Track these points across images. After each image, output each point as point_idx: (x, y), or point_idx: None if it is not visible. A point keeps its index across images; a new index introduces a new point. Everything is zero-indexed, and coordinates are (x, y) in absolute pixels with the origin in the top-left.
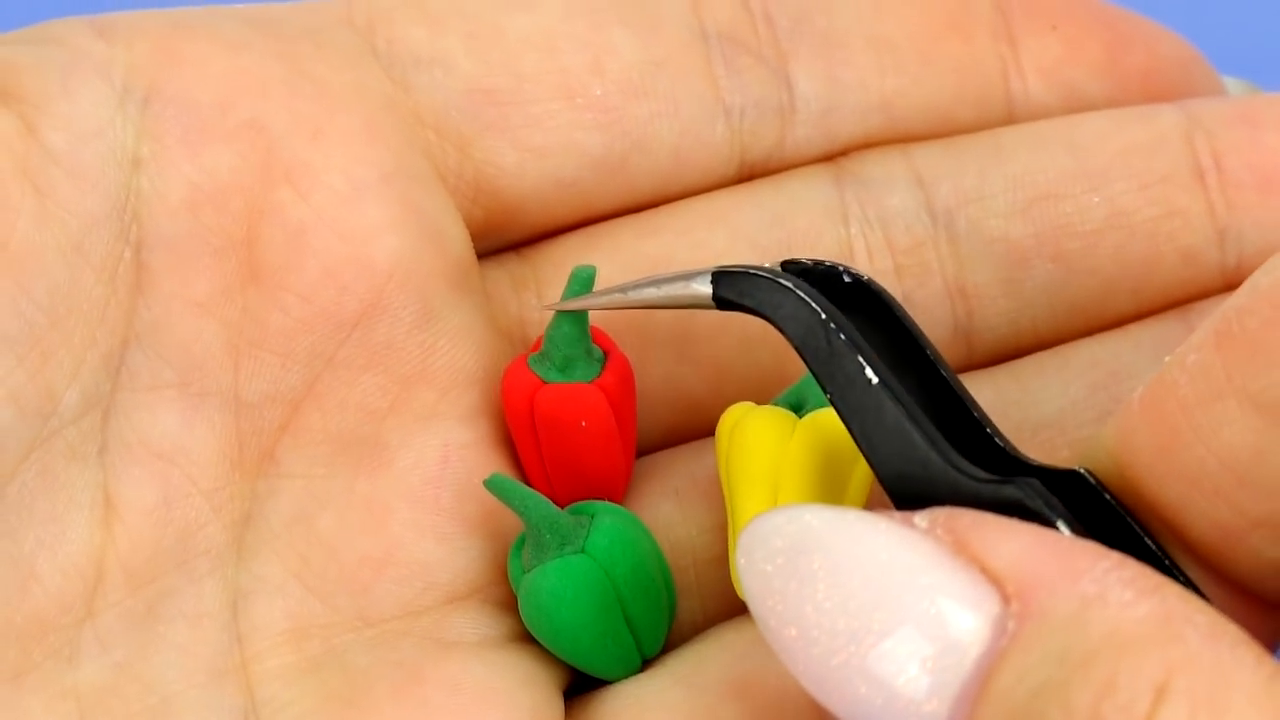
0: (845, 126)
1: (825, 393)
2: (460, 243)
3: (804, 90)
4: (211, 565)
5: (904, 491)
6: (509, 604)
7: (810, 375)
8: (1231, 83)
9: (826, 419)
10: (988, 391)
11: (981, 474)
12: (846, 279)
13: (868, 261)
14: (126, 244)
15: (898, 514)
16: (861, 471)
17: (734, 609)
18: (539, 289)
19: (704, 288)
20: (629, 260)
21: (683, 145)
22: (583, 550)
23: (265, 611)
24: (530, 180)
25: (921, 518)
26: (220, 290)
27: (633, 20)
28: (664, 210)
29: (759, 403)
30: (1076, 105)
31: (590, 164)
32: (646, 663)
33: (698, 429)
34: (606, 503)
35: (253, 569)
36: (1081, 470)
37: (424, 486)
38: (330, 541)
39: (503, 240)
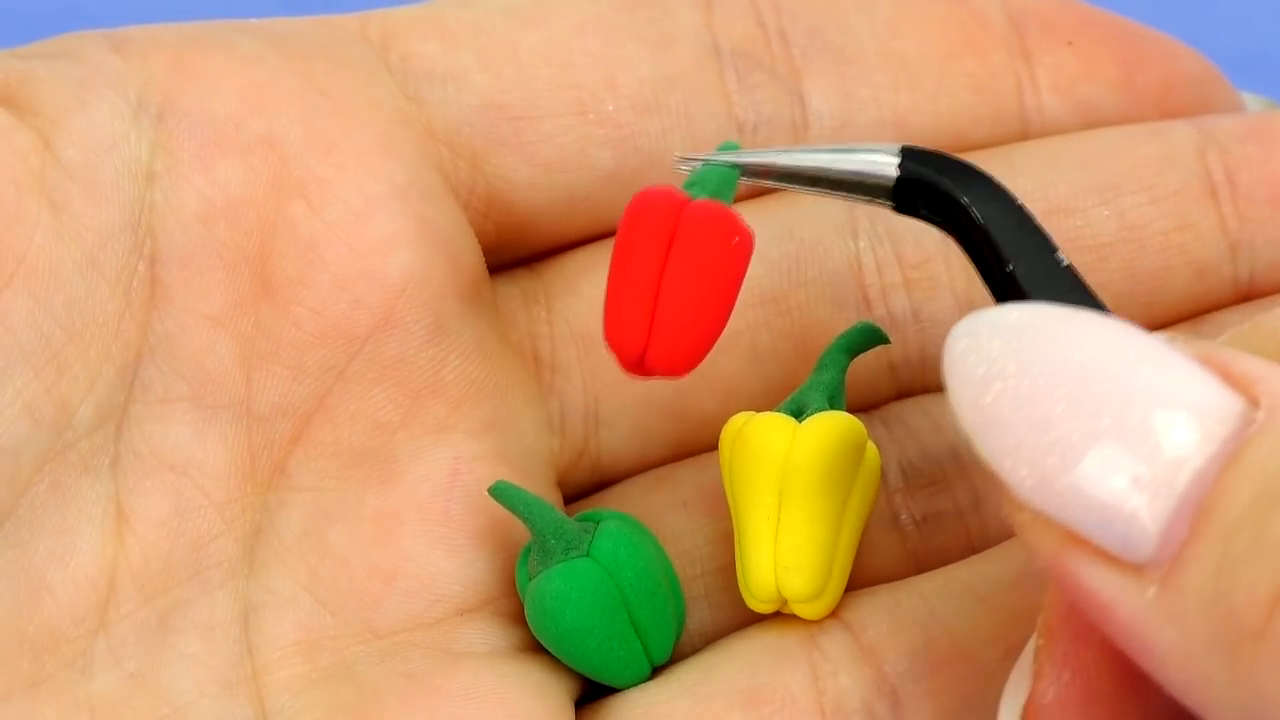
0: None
1: (1008, 270)
2: (472, 257)
3: (817, 106)
4: (223, 577)
5: None
6: (519, 616)
7: (813, 380)
8: (1250, 99)
9: (827, 422)
10: None
11: None
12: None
13: (877, 275)
14: (141, 258)
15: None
16: (866, 470)
17: (743, 619)
18: (549, 304)
19: (890, 159)
20: None
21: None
22: (587, 554)
23: (276, 623)
24: (542, 195)
25: (1164, 334)
26: (233, 304)
27: (646, 36)
28: None
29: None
30: (1092, 121)
31: (602, 179)
32: (656, 670)
33: (706, 443)
34: (612, 510)
35: (264, 581)
36: None
37: (434, 499)
38: (341, 554)
39: (514, 255)
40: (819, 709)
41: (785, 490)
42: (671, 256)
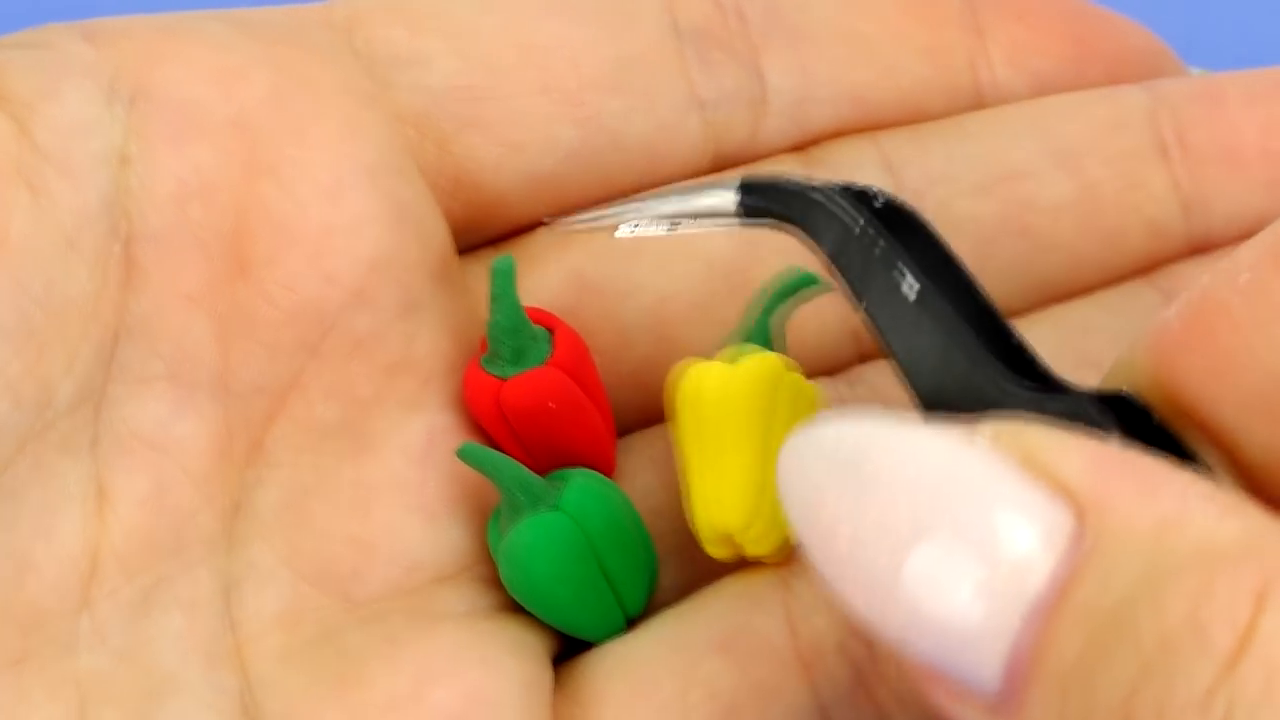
0: (817, 117)
1: (859, 307)
2: (441, 236)
3: (776, 83)
4: (204, 553)
5: (951, 408)
6: (496, 580)
7: (738, 326)
8: (1197, 75)
9: (733, 355)
10: None
11: (1030, 385)
12: (878, 203)
13: None
14: (117, 239)
15: (961, 425)
16: (794, 401)
17: (716, 571)
18: (517, 281)
19: (729, 195)
20: (605, 251)
21: (657, 138)
22: (556, 507)
23: (257, 597)
24: (508, 175)
25: (985, 429)
26: (208, 283)
27: (607, 17)
28: None
29: None
30: (1044, 93)
31: (567, 158)
32: (631, 622)
33: None
34: (579, 468)
35: (244, 556)
36: (1124, 393)
37: (409, 470)
38: (319, 527)
39: (482, 235)
40: (795, 651)
41: (702, 428)
42: (517, 432)
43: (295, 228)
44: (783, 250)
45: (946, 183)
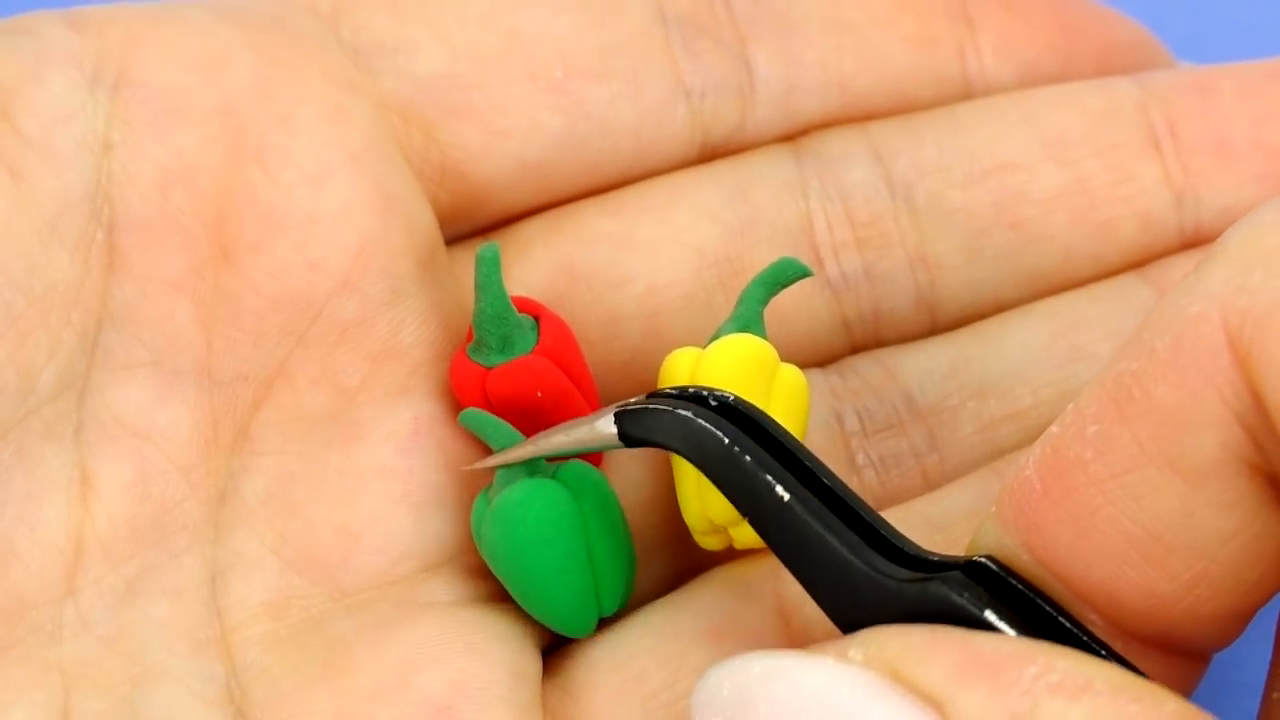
0: (805, 106)
1: (744, 516)
2: (427, 224)
3: (763, 71)
4: (189, 541)
5: (835, 604)
6: (483, 570)
7: (731, 314)
8: (1186, 67)
9: (727, 343)
10: (950, 351)
11: (904, 574)
12: (713, 402)
13: (829, 234)
14: (99, 225)
15: (833, 647)
16: (786, 390)
17: (702, 565)
18: (505, 270)
19: (609, 428)
20: (593, 239)
21: (644, 127)
22: (554, 477)
23: (243, 585)
24: (494, 163)
25: (856, 649)
26: (192, 270)
27: (593, 5)
28: (627, 190)
29: None
30: (1033, 84)
31: (553, 145)
32: (602, 623)
33: None
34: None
35: (230, 544)
36: (984, 560)
37: (396, 459)
38: (306, 516)
39: (469, 224)
40: (786, 641)
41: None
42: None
43: (280, 215)
44: (773, 239)
45: (938, 174)
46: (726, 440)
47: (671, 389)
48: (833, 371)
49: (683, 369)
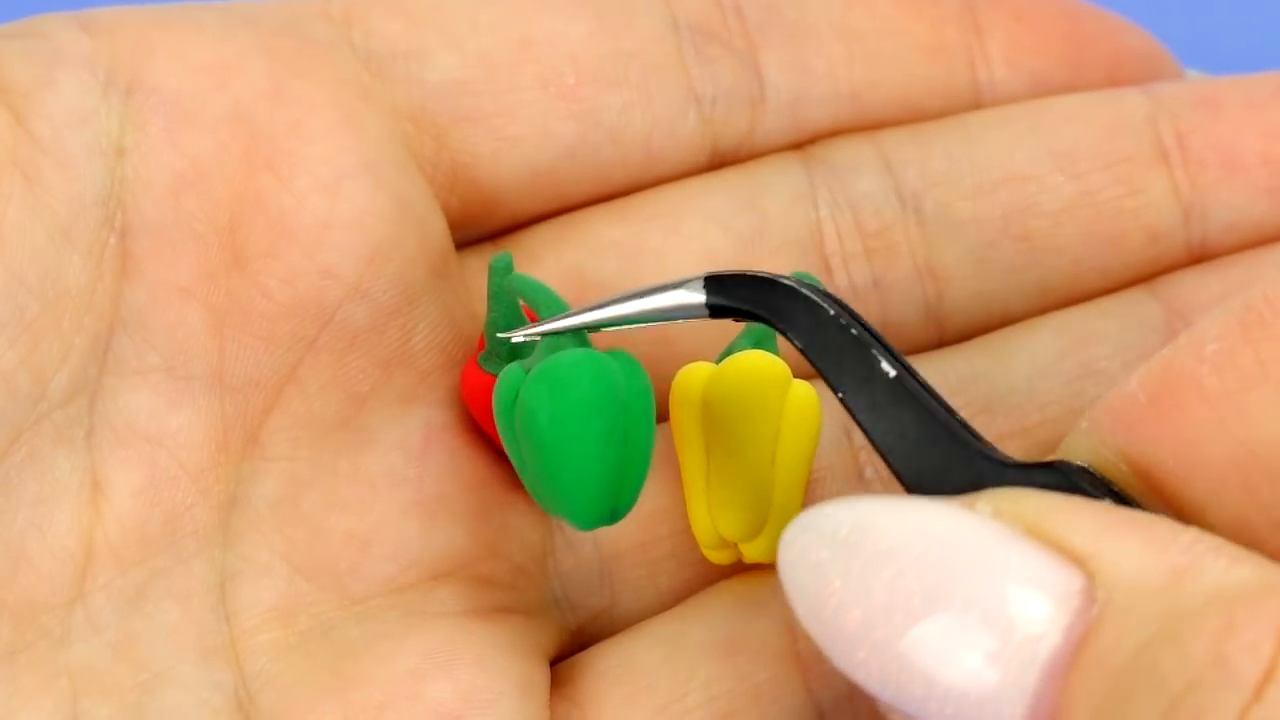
0: (815, 115)
1: (837, 393)
2: (439, 230)
3: (774, 80)
4: (199, 546)
5: (940, 487)
6: (493, 580)
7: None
8: (1194, 77)
9: (739, 359)
10: (959, 365)
11: (1014, 460)
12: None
13: (838, 244)
14: (112, 230)
15: (958, 500)
16: (798, 406)
17: (710, 576)
18: None
19: (696, 295)
20: (603, 247)
21: (655, 134)
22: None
23: (253, 591)
24: (506, 169)
25: (985, 502)
26: (204, 275)
27: (605, 11)
28: (637, 198)
29: None
30: (1042, 94)
31: (564, 153)
32: (610, 629)
33: None
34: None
35: (240, 550)
36: (1085, 465)
37: (406, 467)
38: (315, 522)
39: (480, 230)
40: (793, 654)
41: (707, 431)
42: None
43: (292, 221)
44: (782, 249)
45: (947, 184)
46: (833, 312)
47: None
48: None
49: (695, 385)
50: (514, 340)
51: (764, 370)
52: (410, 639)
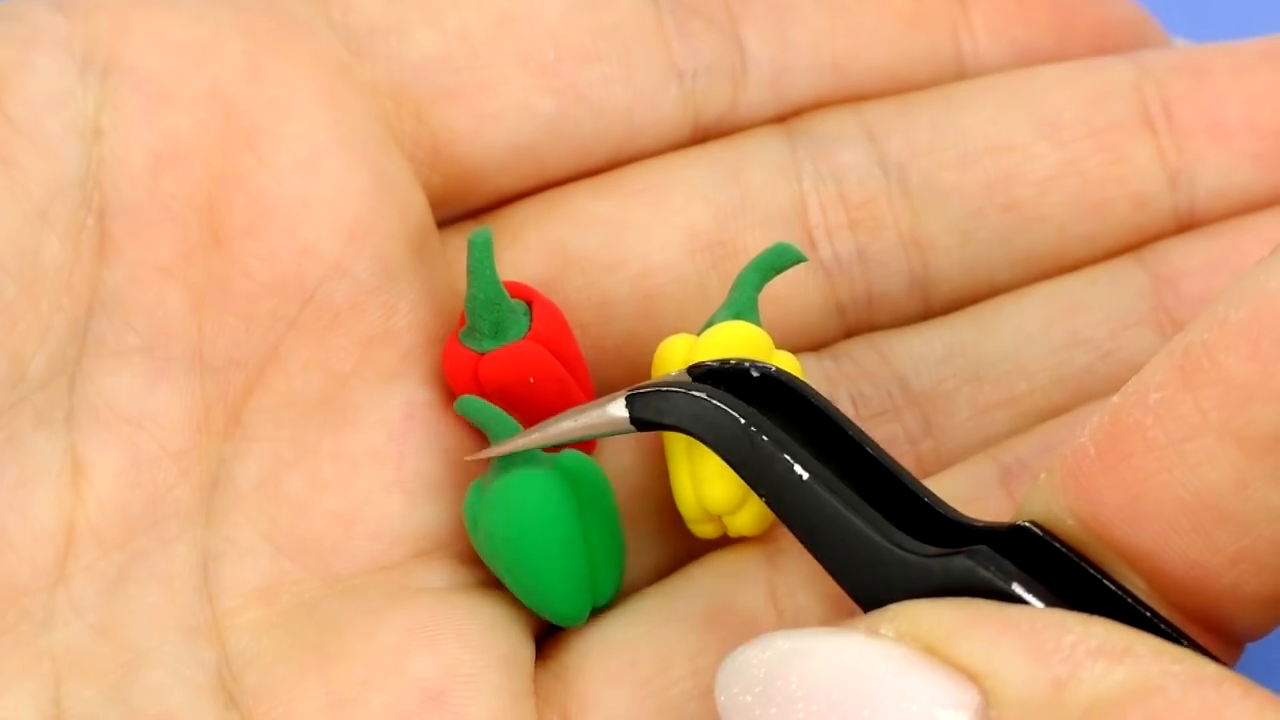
0: (797, 87)
1: (760, 496)
2: (419, 207)
3: (755, 52)
4: (181, 528)
5: (858, 582)
6: (475, 557)
7: (726, 300)
8: (1180, 44)
9: (721, 329)
10: (946, 335)
11: (929, 550)
12: (755, 374)
13: (822, 216)
14: (90, 211)
15: (862, 623)
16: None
17: (695, 552)
18: (498, 254)
19: (620, 412)
20: (586, 222)
21: (636, 108)
22: (554, 466)
23: (236, 571)
24: (486, 145)
25: (887, 625)
26: (183, 255)
27: None
28: (619, 172)
29: None
30: (1027, 63)
31: (545, 128)
32: (594, 613)
33: None
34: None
35: (222, 531)
36: (1028, 525)
37: (389, 445)
38: (298, 502)
39: (462, 207)
40: (778, 626)
41: None
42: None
43: (272, 199)
44: (766, 221)
45: (931, 154)
46: (743, 420)
47: (713, 361)
48: (826, 356)
49: (677, 356)
50: (468, 460)
51: (746, 340)
52: (393, 615)
